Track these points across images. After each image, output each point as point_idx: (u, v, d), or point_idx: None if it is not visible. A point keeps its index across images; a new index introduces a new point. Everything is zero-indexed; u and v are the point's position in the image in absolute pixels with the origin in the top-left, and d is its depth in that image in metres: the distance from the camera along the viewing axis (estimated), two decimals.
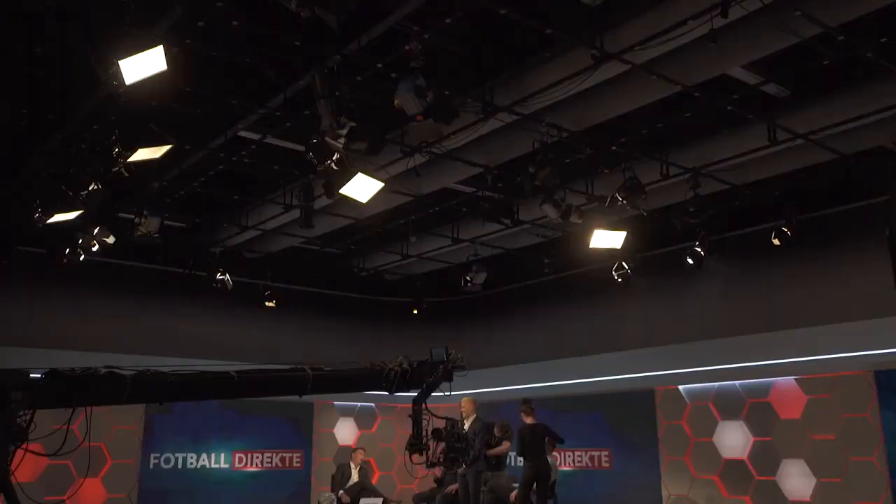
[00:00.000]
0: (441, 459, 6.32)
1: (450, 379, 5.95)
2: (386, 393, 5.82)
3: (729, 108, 7.97)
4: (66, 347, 11.41)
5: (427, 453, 6.06)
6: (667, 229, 10.83)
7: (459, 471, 10.19)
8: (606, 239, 9.84)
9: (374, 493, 11.49)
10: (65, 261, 10.65)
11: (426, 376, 5.85)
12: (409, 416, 5.99)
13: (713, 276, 11.77)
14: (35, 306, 12.07)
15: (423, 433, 5.98)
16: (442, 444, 6.26)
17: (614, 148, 8.88)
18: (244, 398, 10.44)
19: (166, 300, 13.11)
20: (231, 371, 4.85)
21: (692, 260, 11.03)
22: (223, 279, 12.35)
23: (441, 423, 6.23)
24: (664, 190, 9.78)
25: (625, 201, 8.80)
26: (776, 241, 10.43)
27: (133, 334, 12.64)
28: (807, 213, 10.53)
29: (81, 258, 10.61)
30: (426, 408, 5.98)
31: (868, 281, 10.22)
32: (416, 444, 5.96)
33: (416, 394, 6.06)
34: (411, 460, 6.00)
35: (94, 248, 10.46)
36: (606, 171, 9.40)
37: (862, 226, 10.47)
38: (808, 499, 10.02)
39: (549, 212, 9.20)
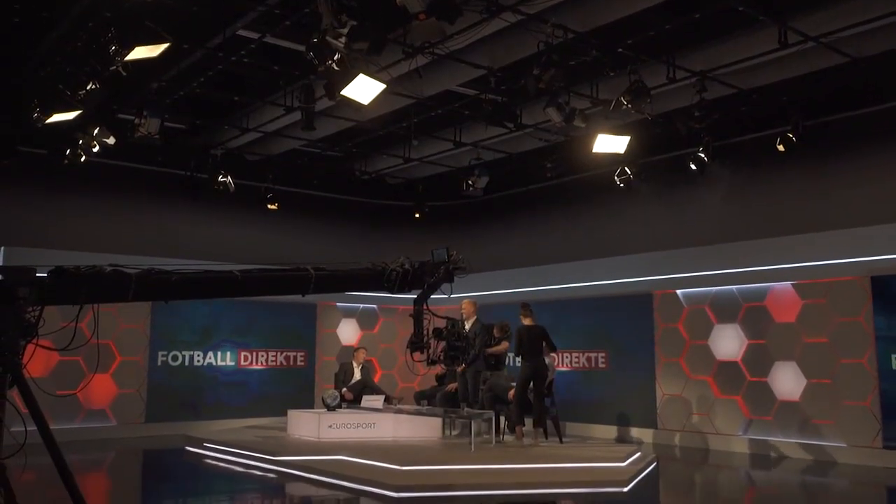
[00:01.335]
0: (442, 358, 6.46)
1: (451, 280, 6.01)
2: (388, 293, 5.89)
3: (740, 8, 7.78)
4: (68, 248, 11.54)
5: (428, 352, 6.19)
6: (670, 134, 10.75)
7: (459, 370, 10.48)
8: (609, 144, 9.78)
9: (375, 390, 11.82)
10: (66, 161, 10.65)
11: (427, 277, 5.90)
12: (411, 315, 6.08)
13: (715, 182, 11.77)
14: (38, 207, 12.14)
15: (424, 332, 6.09)
16: (442, 343, 6.39)
17: (620, 50, 8.72)
18: (248, 297, 10.64)
19: (168, 202, 13.17)
20: (235, 270, 4.90)
21: (695, 165, 11.00)
22: (225, 181, 12.36)
23: (441, 323, 6.35)
24: (670, 94, 9.66)
25: (629, 105, 8.70)
26: (780, 147, 10.38)
27: (135, 235, 12.76)
28: (812, 119, 10.43)
29: (83, 159, 10.60)
30: (427, 308, 6.06)
31: (869, 188, 10.24)
32: (417, 343, 6.08)
33: (417, 294, 6.14)
34: (412, 358, 6.13)
35: (95, 149, 10.44)
36: (612, 73, 9.25)
37: (866, 133, 10.41)
38: (797, 399, 10.32)
39: (553, 115, 9.11)
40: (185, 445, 10.86)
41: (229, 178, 12.37)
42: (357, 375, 12.08)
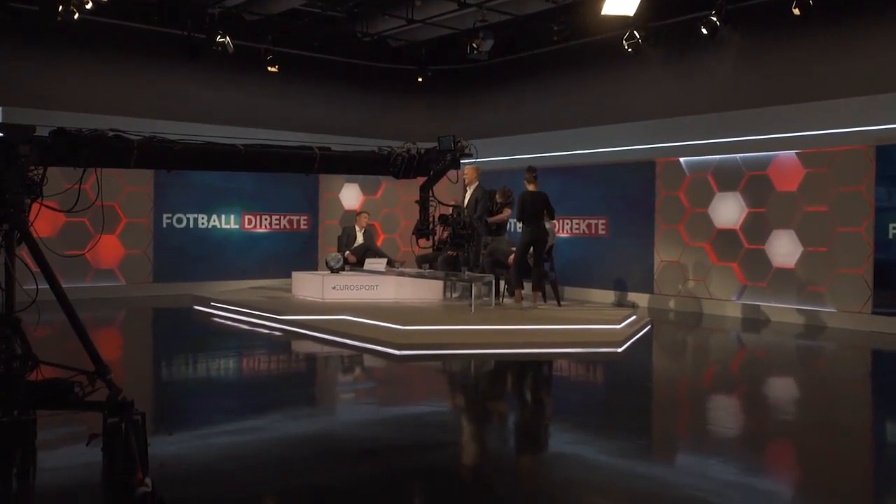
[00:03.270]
0: (448, 244, 6.59)
1: (457, 167, 6.02)
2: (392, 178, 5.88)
3: None
4: (64, 108, 11.40)
5: (434, 238, 6.29)
6: None
7: None
8: (620, 5, 9.46)
9: (378, 253, 12.00)
10: (58, 18, 10.35)
11: (433, 164, 5.88)
12: (417, 202, 6.12)
13: (725, 48, 11.45)
14: (33, 66, 11.88)
15: (430, 219, 6.15)
16: (448, 230, 6.50)
17: None
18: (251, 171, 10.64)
19: (166, 63, 12.89)
20: (239, 145, 4.89)
21: (706, 30, 10.71)
22: (223, 42, 12.07)
23: (448, 210, 6.45)
24: None
25: None
26: (796, 11, 10.02)
27: (133, 97, 12.58)
28: None
29: (76, 16, 10.30)
30: (433, 195, 6.10)
31: (880, 55, 9.97)
32: (423, 230, 6.15)
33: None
34: (418, 244, 6.24)
35: (88, 6, 10.13)
36: None
37: None
38: (792, 266, 10.50)
39: None
40: (192, 305, 11.18)
41: (228, 38, 12.08)
42: (360, 239, 12.24)
